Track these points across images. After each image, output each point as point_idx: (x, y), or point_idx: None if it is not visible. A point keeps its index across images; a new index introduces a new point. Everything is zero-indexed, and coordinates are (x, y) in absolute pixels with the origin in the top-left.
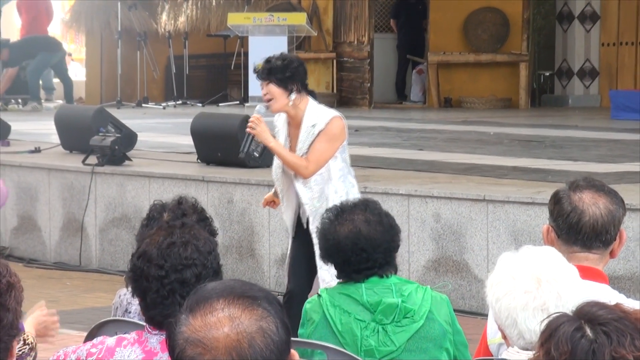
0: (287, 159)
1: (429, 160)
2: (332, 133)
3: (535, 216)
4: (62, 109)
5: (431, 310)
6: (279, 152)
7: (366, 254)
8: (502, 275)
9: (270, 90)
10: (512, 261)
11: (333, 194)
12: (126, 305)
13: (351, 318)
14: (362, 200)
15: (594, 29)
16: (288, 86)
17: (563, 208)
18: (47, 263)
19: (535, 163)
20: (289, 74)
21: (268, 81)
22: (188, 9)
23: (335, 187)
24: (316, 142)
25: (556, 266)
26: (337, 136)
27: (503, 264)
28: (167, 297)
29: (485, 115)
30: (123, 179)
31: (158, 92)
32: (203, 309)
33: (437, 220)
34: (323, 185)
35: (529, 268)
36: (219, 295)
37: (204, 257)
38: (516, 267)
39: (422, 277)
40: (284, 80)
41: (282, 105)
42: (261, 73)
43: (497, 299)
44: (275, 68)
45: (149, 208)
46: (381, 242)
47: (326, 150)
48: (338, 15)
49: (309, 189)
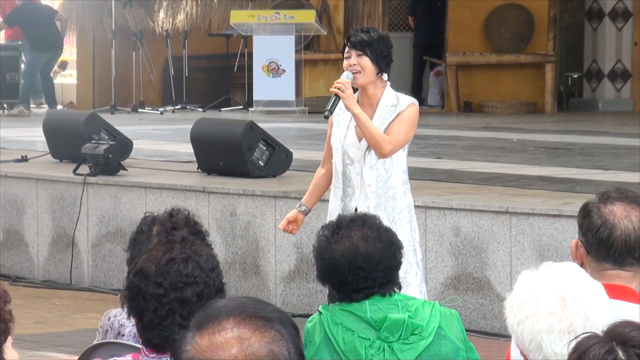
0: (371, 129)
1: (448, 169)
2: (412, 118)
3: (563, 230)
4: (51, 115)
5: (441, 326)
6: (364, 121)
7: (364, 272)
8: (523, 295)
9: (362, 63)
10: (533, 280)
11: (399, 183)
12: (118, 328)
13: (354, 336)
14: (360, 215)
15: (626, 27)
16: (380, 64)
17: (593, 221)
18: (34, 281)
19: (562, 172)
20: (386, 53)
21: (362, 53)
22: (187, 6)
23: (401, 176)
24: (396, 123)
25: (581, 284)
26: (415, 122)
27: (523, 283)
28: (165, 318)
29: (508, 121)
30: (117, 190)
31: (155, 96)
32: (211, 328)
33: (456, 234)
34: (391, 173)
35: (553, 287)
36: (229, 314)
37: (206, 274)
38: (538, 286)
39: (440, 295)
40: (378, 58)
41: (368, 81)
42: (358, 43)
43: (519, 321)
44: (374, 42)
45: (140, 221)
46: (380, 259)
47: (407, 133)
48: (349, 12)
49: (375, 170)
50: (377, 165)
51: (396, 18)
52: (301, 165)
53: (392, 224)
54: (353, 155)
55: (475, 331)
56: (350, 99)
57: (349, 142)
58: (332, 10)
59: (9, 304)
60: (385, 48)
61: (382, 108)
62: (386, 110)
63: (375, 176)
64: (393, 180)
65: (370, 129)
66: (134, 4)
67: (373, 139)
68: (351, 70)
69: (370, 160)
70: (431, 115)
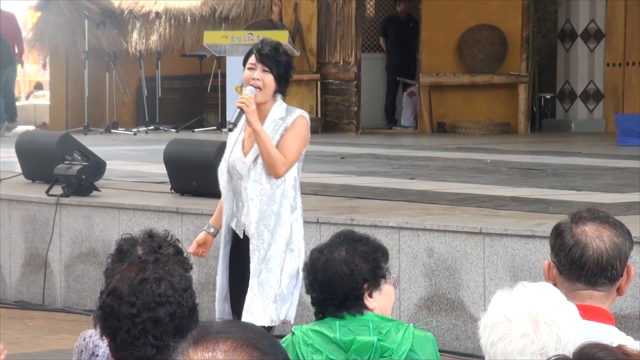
0: (270, 149)
1: (421, 190)
2: (302, 132)
3: (536, 250)
4: (24, 135)
5: (412, 349)
6: (264, 139)
7: (326, 288)
8: (496, 316)
9: (265, 80)
10: (506, 301)
11: (284, 198)
12: (92, 349)
13: (323, 357)
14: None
15: (598, 48)
16: (281, 85)
17: (565, 242)
18: (7, 302)
19: (535, 193)
20: (289, 77)
21: (268, 70)
22: (161, 26)
23: (288, 191)
24: (287, 140)
25: (555, 305)
26: (306, 136)
27: (497, 303)
28: (138, 338)
29: (482, 142)
30: (90, 210)
31: (129, 117)
32: (206, 345)
33: (430, 254)
34: (275, 188)
35: (525, 308)
36: (227, 337)
37: (179, 294)
38: (511, 307)
39: (413, 316)
40: (281, 79)
41: (265, 100)
42: (267, 58)
43: (491, 342)
44: (282, 62)
45: (118, 242)
46: (345, 279)
47: (299, 148)
48: (322, 33)
49: (258, 184)
50: (261, 180)
51: (369, 39)
52: None
53: (272, 238)
54: (240, 169)
55: (448, 352)
56: (253, 114)
57: (236, 157)
58: (305, 31)
59: None
60: (290, 70)
61: (269, 121)
62: (274, 124)
63: (259, 191)
64: (278, 195)
65: (268, 148)
66: (107, 24)
67: (270, 159)
68: (253, 84)
69: (254, 174)
70: (404, 135)
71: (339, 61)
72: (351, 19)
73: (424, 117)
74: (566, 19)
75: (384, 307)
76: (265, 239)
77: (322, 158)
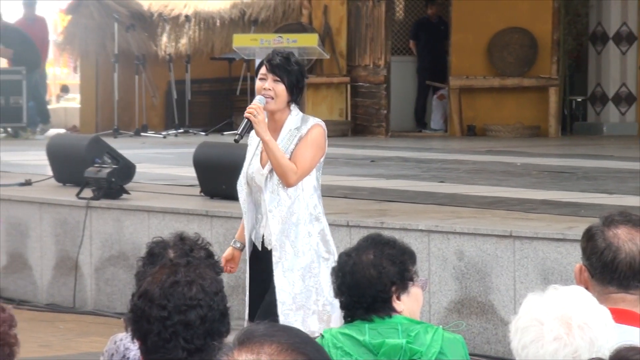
0: (279, 158)
1: (451, 193)
2: (317, 140)
3: (567, 254)
4: (54, 139)
5: (442, 351)
6: (272, 149)
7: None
8: (528, 319)
9: (277, 90)
10: (538, 304)
11: (304, 209)
12: (123, 351)
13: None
14: (373, 235)
15: (630, 50)
16: (294, 94)
17: (597, 245)
18: (38, 305)
19: (566, 196)
20: (301, 85)
21: (279, 79)
22: (190, 30)
23: (307, 201)
24: (300, 149)
25: (587, 309)
26: (321, 145)
27: (529, 306)
28: (169, 341)
29: (512, 145)
30: (120, 213)
31: (158, 120)
32: (250, 347)
33: (460, 258)
34: (294, 199)
35: (558, 312)
36: (272, 340)
37: (210, 297)
38: (543, 310)
39: (443, 319)
40: (293, 88)
41: (278, 108)
42: (277, 68)
43: (523, 345)
44: (293, 71)
45: (149, 245)
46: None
47: (313, 158)
48: (352, 36)
49: (276, 195)
50: (279, 191)
51: (399, 42)
52: None
53: (294, 250)
54: (258, 181)
55: (479, 355)
56: (261, 124)
57: (254, 169)
58: (335, 34)
59: (15, 328)
60: (302, 79)
61: (285, 132)
62: (289, 134)
63: (277, 202)
64: (297, 206)
65: (278, 157)
66: (137, 28)
67: (280, 168)
68: (264, 94)
69: (271, 185)
70: (434, 139)
71: (368, 64)
72: (381, 22)
73: (453, 120)
74: (597, 22)
75: (413, 310)
76: (287, 251)
77: (351, 161)
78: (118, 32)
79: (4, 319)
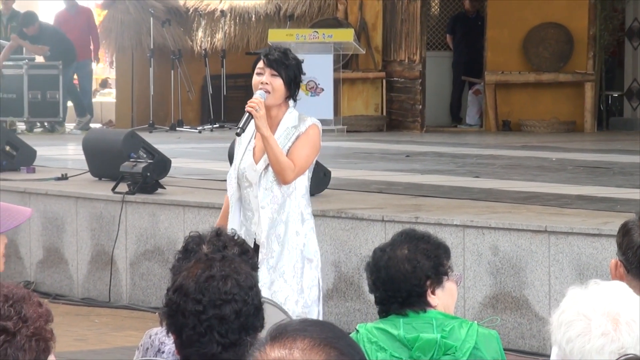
0: (278, 155)
1: (486, 188)
2: (313, 140)
3: (602, 249)
4: (90, 133)
5: (477, 346)
6: (272, 145)
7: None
8: (573, 314)
9: (275, 84)
10: (583, 298)
11: (295, 207)
12: (158, 345)
13: (387, 355)
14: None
15: None
16: (292, 89)
17: (633, 240)
18: (74, 299)
19: (602, 191)
20: (299, 80)
21: (277, 74)
22: (226, 25)
23: (298, 201)
24: (298, 147)
25: (634, 305)
26: (316, 145)
27: (573, 300)
28: (204, 335)
29: (547, 140)
30: (156, 208)
31: (193, 115)
32: (283, 342)
33: (494, 253)
34: (286, 197)
35: (605, 307)
36: (305, 335)
37: (245, 292)
38: (590, 305)
39: (478, 314)
40: (291, 83)
41: (275, 103)
42: (275, 63)
43: (568, 339)
44: (291, 66)
45: (185, 240)
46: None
47: (308, 156)
48: (388, 31)
49: (270, 192)
50: (272, 188)
51: (434, 37)
52: (339, 184)
53: (280, 247)
54: (250, 177)
55: (513, 350)
56: (262, 119)
57: (247, 164)
58: (370, 29)
59: (51, 323)
60: (299, 74)
61: (281, 129)
62: (286, 132)
63: (270, 199)
64: (288, 204)
65: (277, 154)
66: (172, 23)
67: (278, 165)
68: (262, 88)
69: (265, 182)
70: (470, 134)
71: (404, 59)
72: (416, 17)
73: (489, 115)
74: (634, 17)
75: (447, 305)
76: (274, 249)
77: (387, 156)
78: (154, 27)
79: (41, 313)
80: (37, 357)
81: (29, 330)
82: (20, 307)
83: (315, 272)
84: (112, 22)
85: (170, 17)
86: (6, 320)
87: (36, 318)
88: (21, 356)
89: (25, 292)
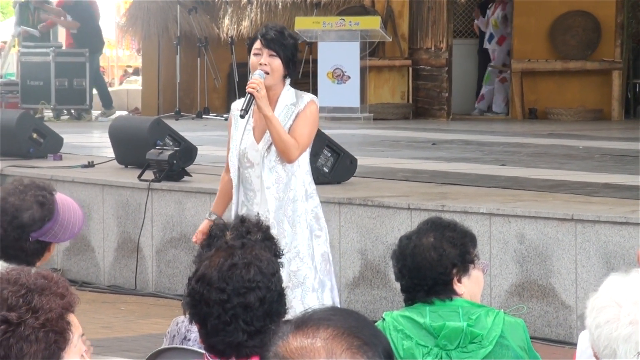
0: (282, 134)
1: (513, 176)
2: (313, 117)
3: (630, 237)
4: (116, 121)
5: (503, 335)
6: (275, 125)
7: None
8: (606, 299)
9: (273, 65)
10: (619, 285)
11: (300, 185)
12: (185, 333)
13: (413, 343)
14: (433, 219)
15: None
16: (289, 68)
17: None
18: (100, 286)
19: (629, 180)
20: (296, 59)
21: (275, 54)
22: (252, 12)
23: (302, 178)
24: (299, 124)
25: None
26: (316, 121)
27: (609, 286)
28: (229, 323)
29: (574, 128)
30: (182, 195)
31: (220, 102)
32: (306, 331)
33: (521, 241)
34: (291, 175)
35: (637, 296)
36: (328, 324)
37: (268, 279)
38: (623, 293)
39: (504, 302)
40: (289, 62)
41: (274, 83)
42: (272, 43)
43: (597, 325)
44: (288, 46)
45: (210, 227)
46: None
47: (310, 133)
48: (414, 19)
49: (274, 172)
50: (277, 167)
51: (461, 25)
52: (366, 172)
53: (292, 227)
54: (252, 157)
55: (539, 338)
56: (264, 100)
57: (247, 144)
58: (397, 16)
59: (71, 314)
60: (296, 52)
61: (280, 107)
62: (285, 110)
63: (275, 178)
64: (294, 182)
65: (280, 133)
66: (199, 10)
67: (282, 144)
68: (261, 68)
69: (269, 162)
70: (496, 122)
71: (430, 47)
72: (442, 5)
73: (515, 103)
74: None
75: (474, 293)
76: (285, 228)
77: (413, 144)
78: (180, 15)
79: (58, 305)
80: (47, 348)
81: (38, 321)
82: (32, 298)
83: (324, 246)
84: (139, 9)
85: (196, 4)
86: (12, 311)
87: (50, 309)
88: (26, 347)
89: (47, 283)
